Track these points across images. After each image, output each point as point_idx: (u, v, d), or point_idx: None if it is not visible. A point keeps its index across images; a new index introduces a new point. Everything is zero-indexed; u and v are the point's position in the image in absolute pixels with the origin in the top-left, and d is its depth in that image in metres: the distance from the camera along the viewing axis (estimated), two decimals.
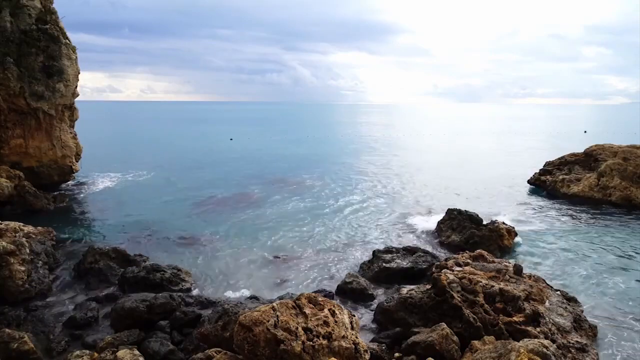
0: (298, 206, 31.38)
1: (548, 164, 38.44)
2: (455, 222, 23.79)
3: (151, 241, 23.68)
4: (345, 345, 10.59)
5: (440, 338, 12.04)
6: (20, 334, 12.60)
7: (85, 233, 25.03)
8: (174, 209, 30.51)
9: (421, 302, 14.22)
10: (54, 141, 33.80)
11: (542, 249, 22.52)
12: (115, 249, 20.09)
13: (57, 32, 32.85)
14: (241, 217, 28.44)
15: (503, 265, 16.27)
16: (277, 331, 10.31)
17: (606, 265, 20.38)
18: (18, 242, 17.55)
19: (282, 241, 23.72)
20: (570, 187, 33.29)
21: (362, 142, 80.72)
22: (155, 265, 18.49)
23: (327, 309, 11.35)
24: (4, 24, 30.57)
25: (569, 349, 12.42)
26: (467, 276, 14.60)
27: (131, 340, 13.26)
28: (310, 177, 42.98)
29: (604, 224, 26.87)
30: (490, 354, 10.53)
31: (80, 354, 11.86)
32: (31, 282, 16.68)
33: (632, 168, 31.11)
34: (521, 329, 12.68)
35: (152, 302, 14.68)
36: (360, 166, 50.79)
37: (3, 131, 31.57)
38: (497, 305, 13.49)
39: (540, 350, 10.11)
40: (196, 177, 42.25)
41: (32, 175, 32.38)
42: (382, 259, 19.42)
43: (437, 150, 69.38)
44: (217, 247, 22.79)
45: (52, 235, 21.06)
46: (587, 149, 36.72)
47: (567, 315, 14.08)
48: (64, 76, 33.05)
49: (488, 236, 21.99)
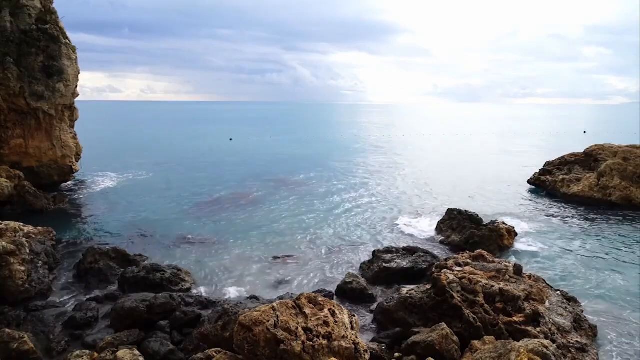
0: (298, 206, 31.38)
1: (548, 164, 38.44)
2: (455, 222, 23.79)
3: (151, 241, 23.68)
4: (345, 345, 10.59)
5: (440, 338, 12.04)
6: (20, 334, 12.60)
7: (85, 233, 25.04)
8: (174, 209, 30.52)
9: (421, 302, 14.22)
10: (54, 141, 33.80)
11: (542, 249, 22.52)
12: (115, 249, 20.09)
13: (57, 32, 32.85)
14: (241, 217, 28.45)
15: (503, 265, 16.26)
16: (277, 331, 10.31)
17: (606, 265, 20.39)
18: (18, 242, 17.55)
19: (282, 241, 23.72)
20: (570, 187, 33.30)
21: (362, 142, 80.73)
22: (155, 265, 18.49)
23: (327, 309, 11.35)
24: (4, 24, 30.57)
25: (569, 349, 12.42)
26: (467, 276, 14.60)
27: (131, 340, 13.26)
28: (311, 177, 42.99)
29: (604, 224, 26.87)
30: (490, 354, 10.53)
31: (80, 354, 11.86)
32: (31, 282, 16.68)
33: (632, 168, 31.11)
34: (521, 329, 12.68)
35: (152, 302, 14.68)
36: (360, 166, 50.80)
37: (3, 131, 31.57)
38: (497, 305, 13.49)
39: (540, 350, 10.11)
40: (196, 177, 42.25)
41: (32, 175, 32.37)
42: (382, 259, 19.42)
43: (437, 150, 69.41)
44: (217, 247, 22.80)
45: (52, 235, 21.06)
46: (587, 149, 36.72)
47: (567, 315, 14.09)
48: (64, 76, 33.05)
49: (488, 236, 22.00)
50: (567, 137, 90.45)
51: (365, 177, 43.60)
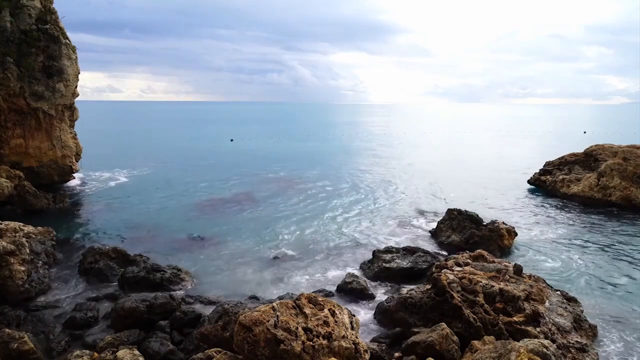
0: (298, 206, 31.39)
1: (548, 164, 38.44)
2: (455, 222, 23.79)
3: (151, 241, 23.67)
4: (345, 345, 10.59)
5: (440, 338, 12.04)
6: (20, 334, 12.58)
7: (85, 233, 25.04)
8: (174, 209, 30.52)
9: (421, 302, 14.23)
10: (54, 141, 33.81)
11: (542, 249, 22.52)
12: (115, 249, 20.08)
13: (57, 32, 32.87)
14: (241, 217, 28.45)
15: (503, 265, 16.26)
16: (277, 331, 10.31)
17: (606, 265, 20.39)
18: (18, 242, 17.55)
19: (282, 241, 23.72)
20: (570, 187, 33.30)
21: (363, 142, 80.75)
22: (155, 265, 18.49)
23: (327, 309, 11.35)
24: (4, 24, 30.58)
25: (569, 349, 12.42)
26: (467, 276, 14.59)
27: (131, 340, 13.26)
28: (311, 177, 42.98)
29: (604, 224, 26.86)
30: (490, 354, 10.53)
31: (80, 354, 11.84)
32: (31, 282, 16.68)
33: (632, 168, 31.10)
34: (521, 329, 12.67)
35: (152, 302, 14.68)
36: (360, 166, 50.80)
37: (3, 131, 31.58)
38: (497, 305, 13.49)
39: (540, 350, 10.12)
40: (196, 177, 42.23)
41: (32, 175, 32.38)
42: (382, 259, 19.43)
43: (437, 150, 69.39)
44: (217, 247, 22.79)
45: (52, 235, 21.05)
46: (587, 149, 36.71)
47: (567, 315, 14.08)
48: (64, 76, 33.06)
49: (488, 236, 22.00)
50: (567, 137, 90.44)
51: (365, 177, 43.60)
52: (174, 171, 45.89)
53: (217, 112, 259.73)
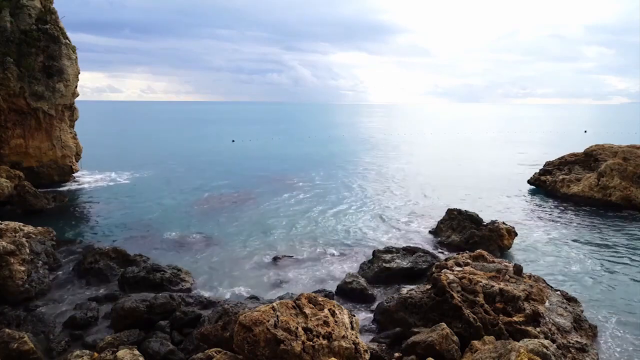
0: (298, 206, 31.38)
1: (548, 164, 38.43)
2: (455, 222, 23.79)
3: (151, 241, 23.67)
4: (345, 345, 10.59)
5: (440, 338, 12.03)
6: (20, 334, 12.58)
7: (85, 233, 25.04)
8: (174, 209, 30.51)
9: (421, 302, 14.22)
10: (54, 141, 33.83)
11: (542, 249, 22.52)
12: (115, 249, 20.09)
13: (57, 32, 32.88)
14: (241, 217, 28.44)
15: (503, 265, 16.25)
16: (277, 331, 10.31)
17: (606, 265, 20.39)
18: (18, 242, 17.55)
19: (282, 241, 23.72)
20: (570, 187, 33.29)
21: (363, 142, 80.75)
22: (155, 265, 18.49)
23: (327, 309, 11.35)
24: (4, 24, 30.58)
25: (569, 349, 12.41)
26: (467, 276, 14.59)
27: (131, 340, 13.26)
28: (311, 177, 42.99)
29: (604, 224, 26.85)
30: (490, 354, 10.53)
31: (80, 354, 11.84)
32: (31, 282, 16.68)
33: (632, 168, 31.09)
34: (521, 329, 12.67)
35: (152, 302, 14.68)
36: (360, 166, 50.81)
37: (3, 131, 31.59)
38: (497, 305, 13.48)
39: (540, 350, 10.11)
40: (196, 177, 42.24)
41: (32, 175, 32.40)
42: (382, 259, 19.42)
43: (437, 150, 69.38)
44: (217, 247, 22.79)
45: (52, 235, 21.06)
46: (587, 149, 36.70)
47: (567, 315, 14.08)
48: (64, 76, 33.08)
49: (488, 236, 21.99)
50: (567, 137, 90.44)
51: (365, 177, 43.61)
52: (174, 171, 45.90)
53: (217, 112, 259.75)
